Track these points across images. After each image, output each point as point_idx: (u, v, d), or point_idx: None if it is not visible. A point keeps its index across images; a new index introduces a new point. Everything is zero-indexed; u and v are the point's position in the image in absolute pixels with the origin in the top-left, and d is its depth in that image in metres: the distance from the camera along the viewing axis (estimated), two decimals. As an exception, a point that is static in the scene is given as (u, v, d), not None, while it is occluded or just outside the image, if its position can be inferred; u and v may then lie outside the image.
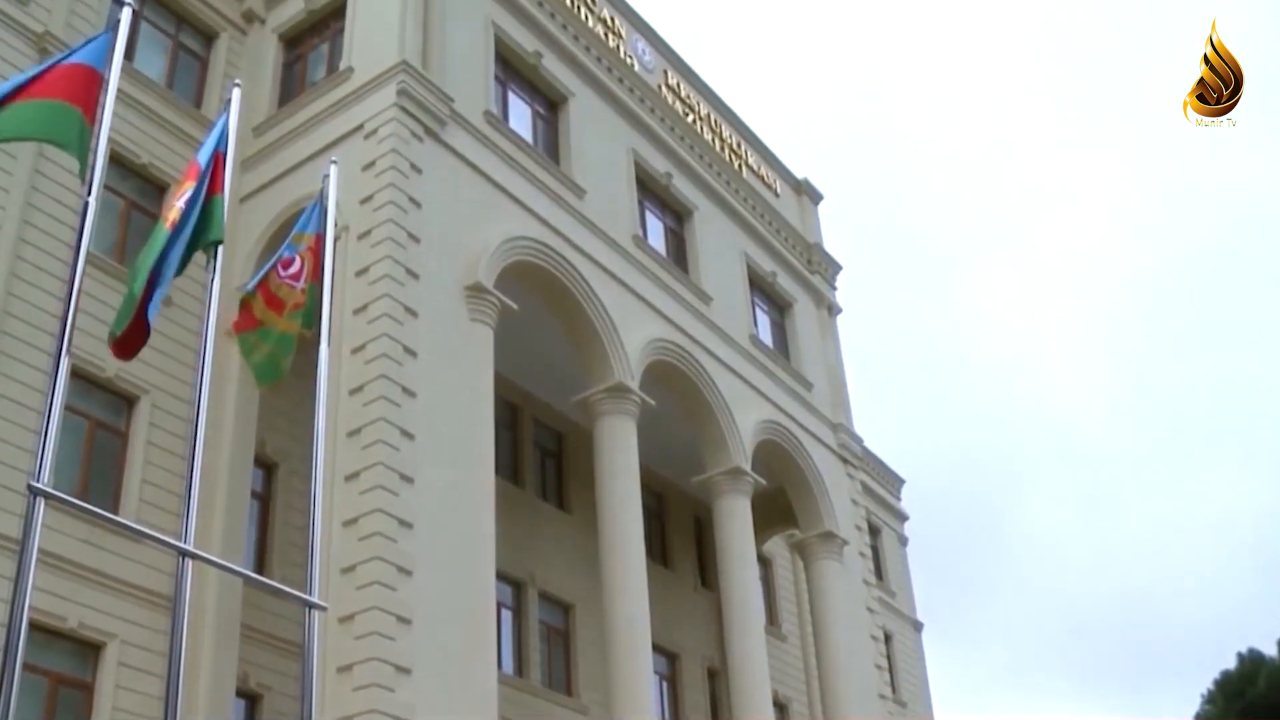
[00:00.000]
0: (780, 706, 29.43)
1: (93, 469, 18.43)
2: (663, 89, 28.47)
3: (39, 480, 8.11)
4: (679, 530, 29.97)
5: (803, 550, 28.82)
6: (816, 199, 34.19)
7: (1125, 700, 73.65)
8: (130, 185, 20.58)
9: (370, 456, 17.66)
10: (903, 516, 42.90)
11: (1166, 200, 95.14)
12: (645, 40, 28.62)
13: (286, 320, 10.95)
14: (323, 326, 11.40)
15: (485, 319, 20.62)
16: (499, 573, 20.01)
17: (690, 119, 29.07)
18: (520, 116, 24.18)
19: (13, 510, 15.90)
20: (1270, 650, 36.16)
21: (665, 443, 26.50)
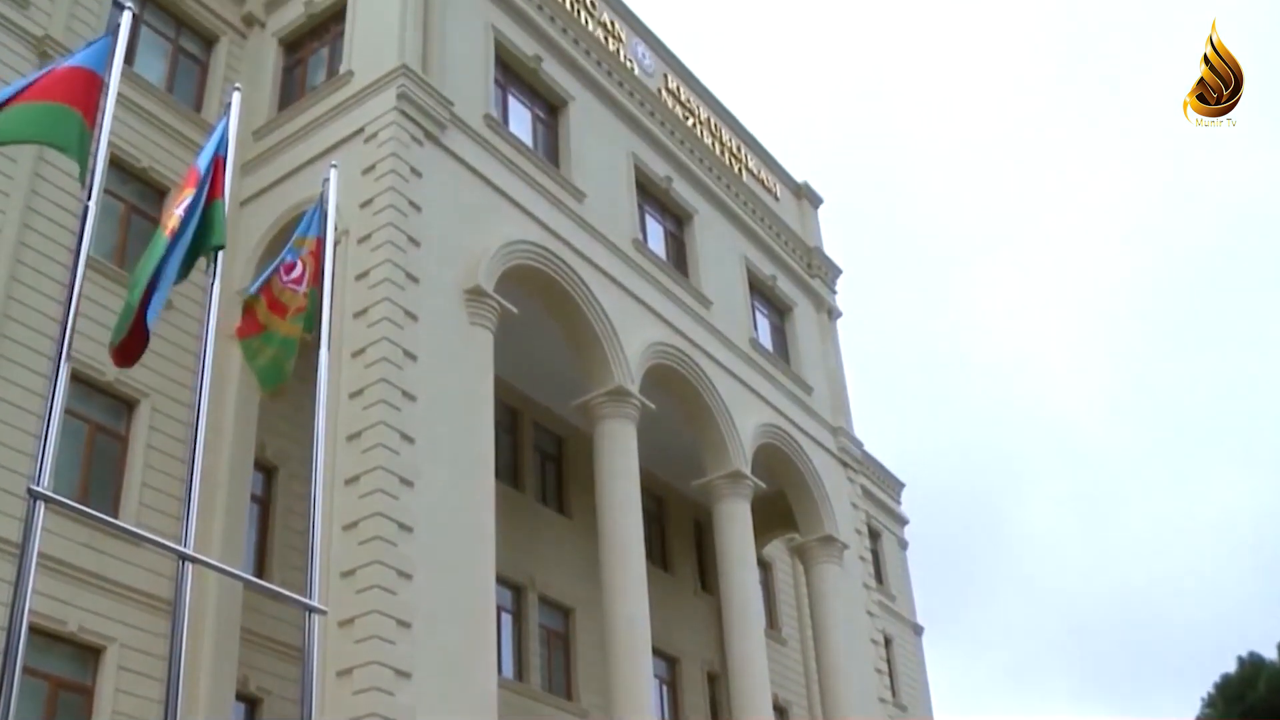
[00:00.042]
0: (780, 710, 29.41)
1: (93, 473, 18.43)
2: (663, 93, 28.48)
3: (39, 484, 8.10)
4: (679, 534, 29.96)
5: (803, 554, 28.82)
6: (816, 203, 34.23)
7: (1125, 702, 73.66)
8: (130, 189, 20.60)
9: (370, 460, 17.67)
10: (903, 520, 42.89)
11: (1166, 200, 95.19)
12: (645, 44, 28.63)
13: (289, 324, 10.96)
14: (323, 330, 11.42)
15: (485, 323, 20.63)
16: (499, 576, 20.00)
17: (690, 123, 29.08)
18: (520, 120, 24.20)
19: (13, 514, 15.92)
20: (1270, 654, 36.09)
21: (665, 446, 26.49)
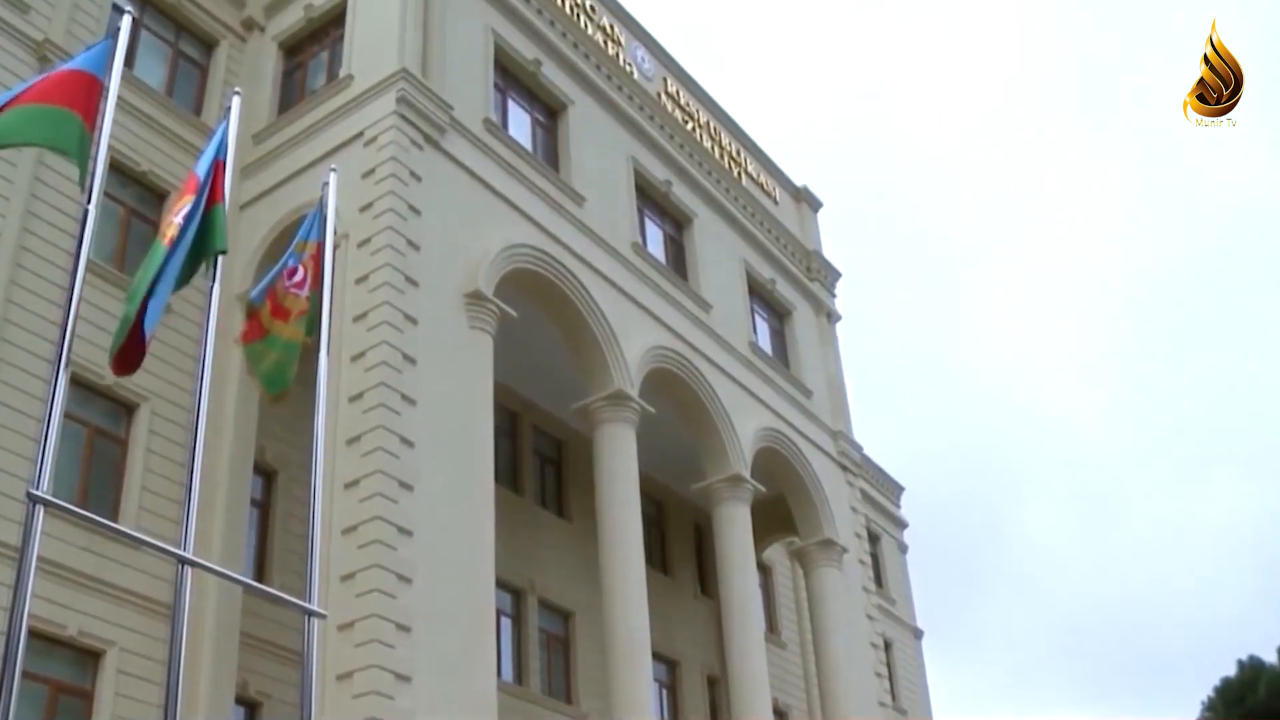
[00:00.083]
0: (780, 714, 29.40)
1: (92, 476, 18.42)
2: (662, 97, 28.50)
3: (38, 488, 8.09)
4: (679, 537, 29.95)
5: (802, 558, 28.82)
6: (816, 206, 34.25)
7: (1125, 705, 73.53)
8: (130, 193, 20.60)
9: (370, 464, 17.66)
10: (902, 524, 42.89)
11: (1166, 200, 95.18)
12: (644, 48, 28.65)
13: (291, 328, 10.99)
14: (323, 334, 11.43)
15: (485, 326, 20.63)
16: (498, 580, 19.99)
17: (689, 126, 29.10)
18: (520, 124, 24.21)
19: (12, 518, 15.89)
20: (1270, 657, 36.13)
21: (665, 450, 26.49)
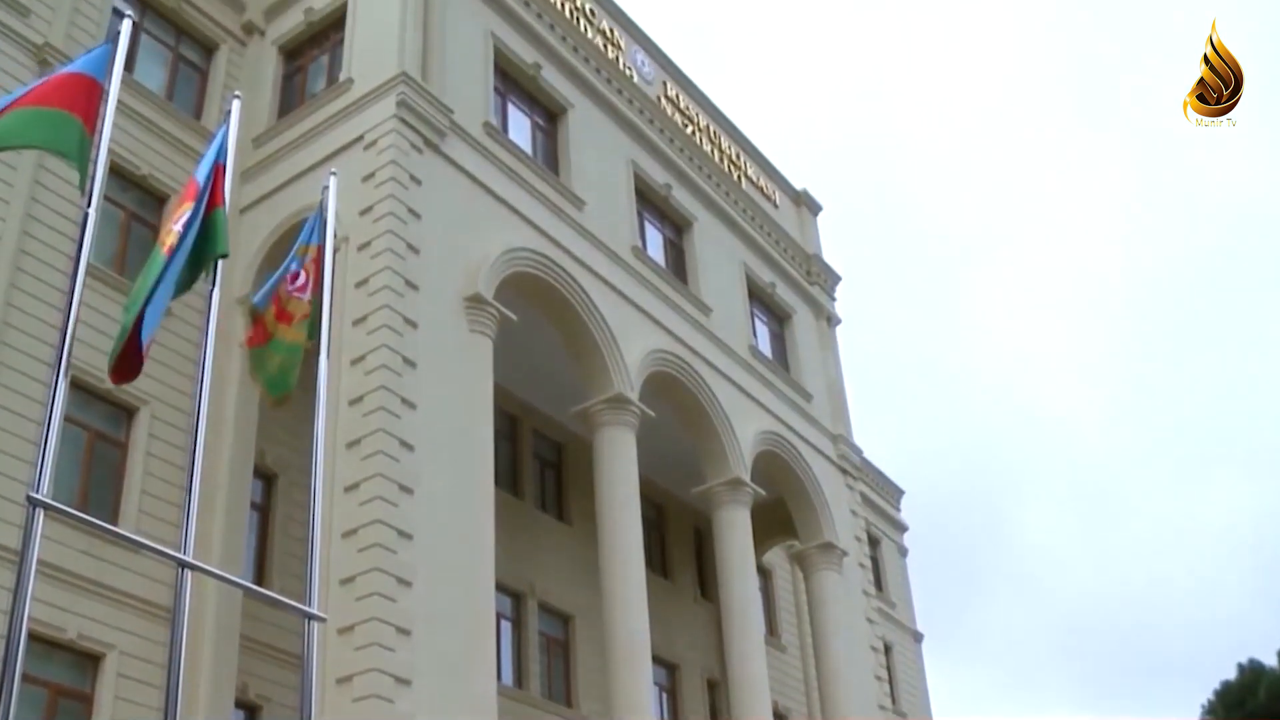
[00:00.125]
0: (780, 717, 29.38)
1: (92, 480, 18.43)
2: (662, 100, 28.52)
3: (38, 491, 8.09)
4: (679, 541, 29.95)
5: (802, 561, 28.81)
6: (815, 210, 34.26)
7: (1126, 704, 73.47)
8: (130, 196, 20.61)
9: (370, 467, 17.66)
10: (902, 527, 42.89)
11: (1166, 200, 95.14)
12: (644, 52, 28.67)
13: (294, 331, 11.04)
14: (323, 338, 11.45)
15: (485, 330, 20.64)
16: (498, 583, 19.99)
17: (689, 130, 29.12)
18: (519, 128, 24.23)
19: (12, 521, 15.89)
20: (1270, 660, 36.16)
21: (665, 453, 26.49)
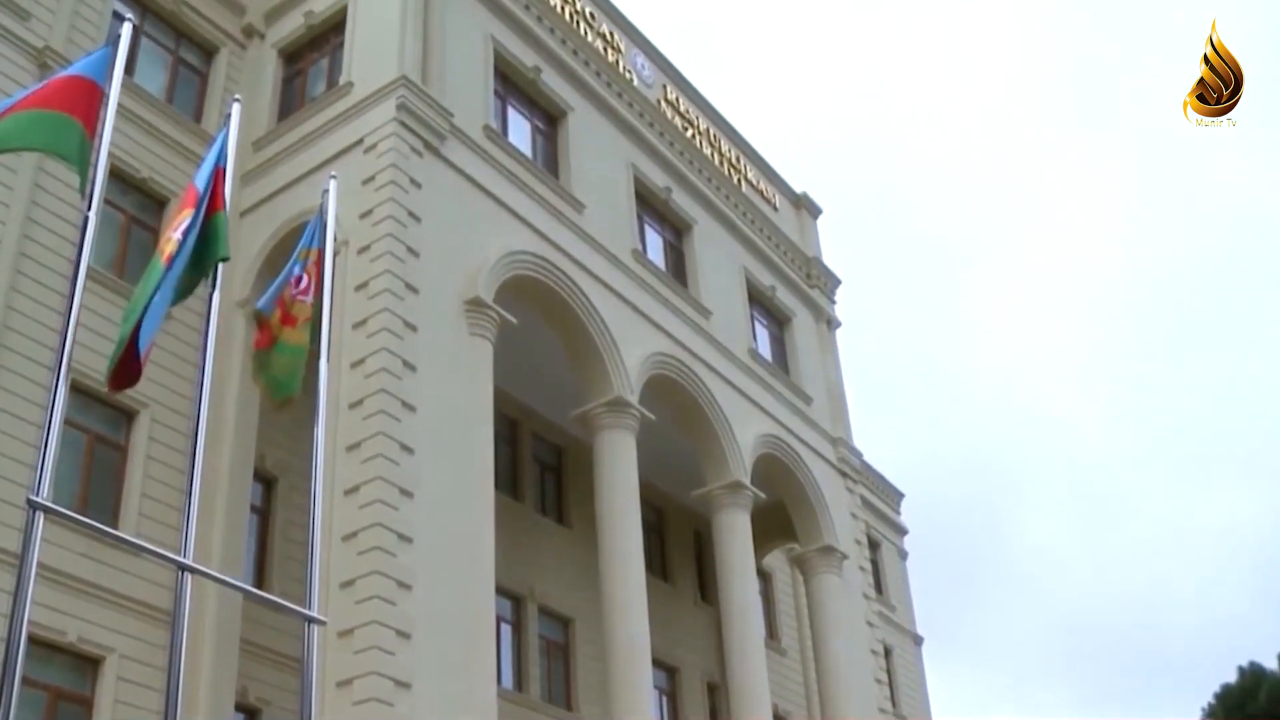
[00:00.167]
0: (780, 721, 29.39)
1: (92, 483, 18.42)
2: (662, 103, 28.53)
3: (38, 494, 8.10)
4: (679, 544, 29.94)
5: (802, 564, 28.80)
6: (815, 213, 34.27)
7: (1126, 706, 73.47)
8: (130, 200, 20.62)
9: (370, 471, 17.66)
10: (902, 530, 42.90)
11: (1166, 201, 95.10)
12: (644, 55, 28.69)
13: (298, 334, 11.09)
14: (323, 341, 11.47)
15: (485, 333, 20.64)
16: (498, 587, 19.99)
17: (689, 133, 29.13)
18: (519, 131, 24.24)
19: (12, 524, 15.89)
20: (1271, 664, 36.15)
21: (665, 457, 26.49)
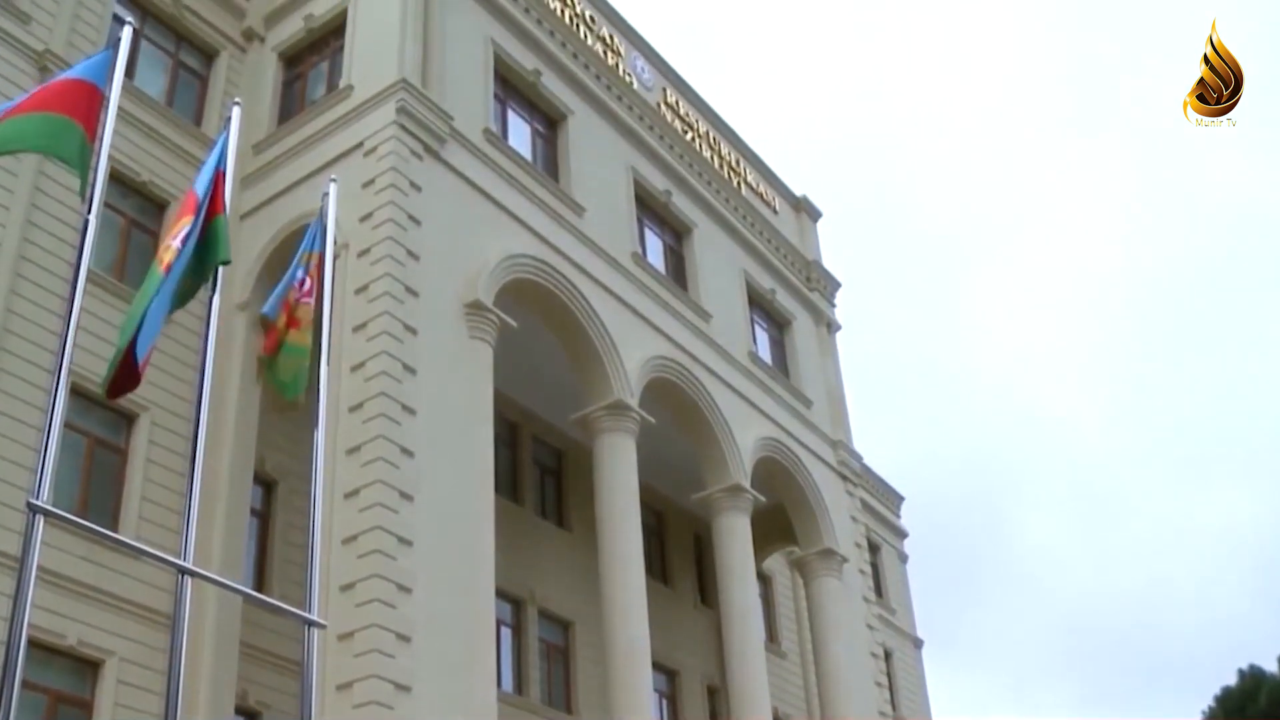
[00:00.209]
0: (780, 724, 29.37)
1: (92, 486, 18.43)
2: (661, 107, 28.55)
3: (38, 497, 8.10)
4: (679, 547, 29.94)
5: (802, 567, 28.79)
6: (815, 216, 34.28)
7: (1126, 708, 73.34)
8: (131, 203, 20.63)
9: (370, 474, 17.67)
10: (902, 533, 42.89)
11: (1166, 200, 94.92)
12: (644, 58, 28.71)
13: (303, 335, 11.14)
14: (323, 344, 11.48)
15: (485, 336, 20.65)
16: (498, 590, 19.98)
17: (689, 136, 29.14)
18: (519, 134, 24.25)
19: (12, 528, 15.89)
20: (1271, 666, 36.08)
21: (665, 460, 26.49)
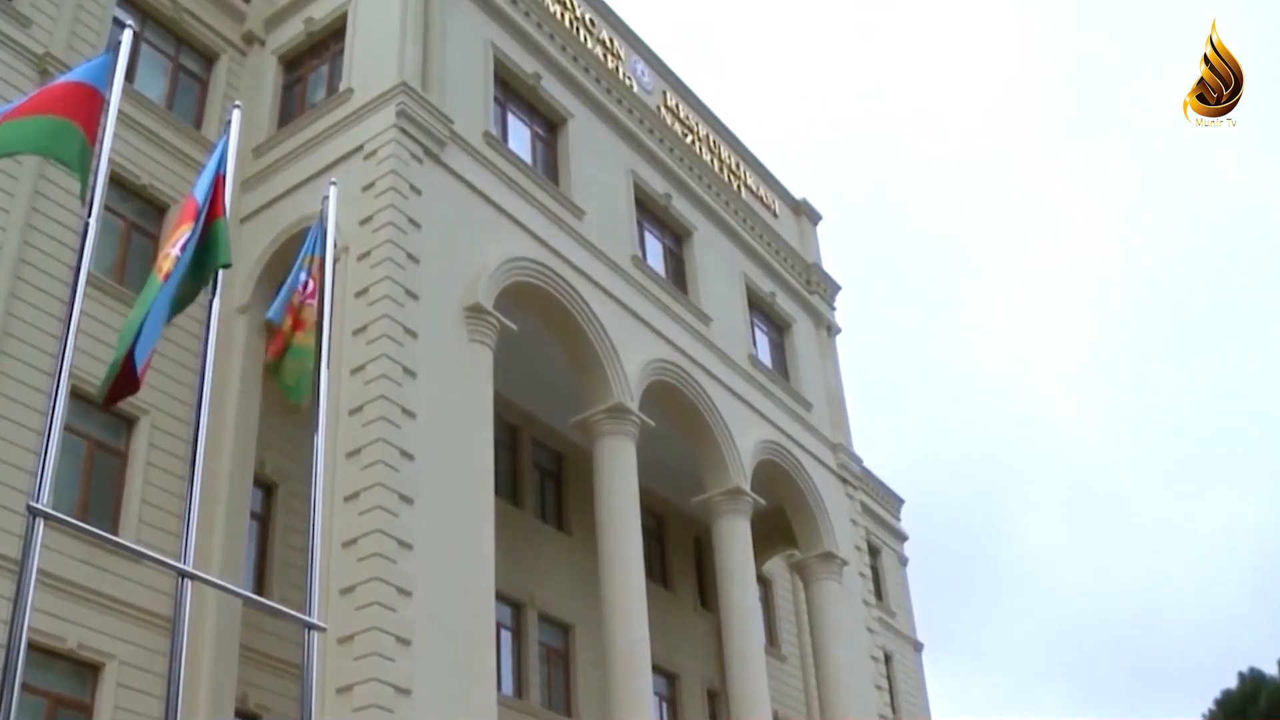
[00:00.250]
0: (780, 727, 29.35)
1: (92, 489, 18.42)
2: (661, 110, 28.56)
3: (38, 501, 8.10)
4: (678, 551, 29.93)
5: (802, 571, 28.79)
6: (815, 219, 34.30)
7: (1127, 709, 73.28)
8: (130, 206, 20.63)
9: (370, 477, 17.66)
10: (902, 536, 42.87)
11: (1166, 201, 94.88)
12: (644, 61, 28.73)
13: (307, 337, 11.18)
14: (323, 347, 11.49)
15: (484, 339, 20.65)
16: (498, 593, 19.97)
17: (689, 140, 29.15)
18: (519, 137, 24.26)
19: (12, 531, 15.89)
20: (1271, 669, 36.09)
21: (665, 463, 26.48)
